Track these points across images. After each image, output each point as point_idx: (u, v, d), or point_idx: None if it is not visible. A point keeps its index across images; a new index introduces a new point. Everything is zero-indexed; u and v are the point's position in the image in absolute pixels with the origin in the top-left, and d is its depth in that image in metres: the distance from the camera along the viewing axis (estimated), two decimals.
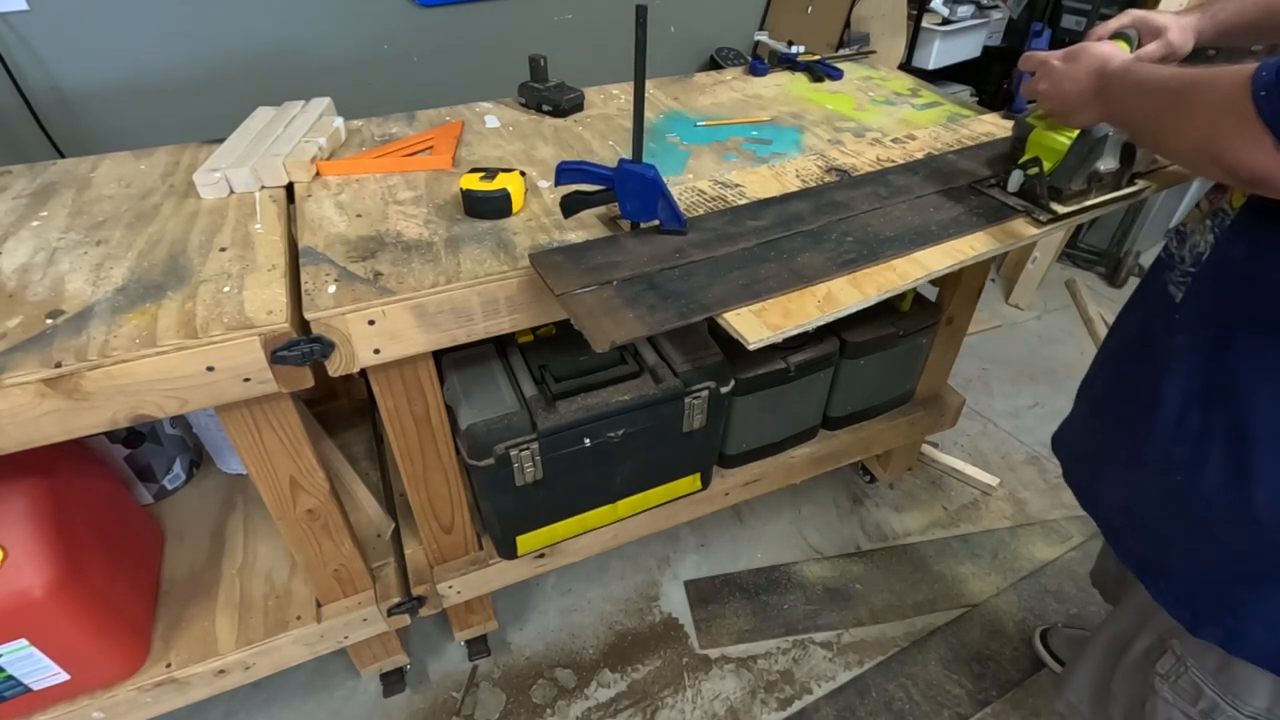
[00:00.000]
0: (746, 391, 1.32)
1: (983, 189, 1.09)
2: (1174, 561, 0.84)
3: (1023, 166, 1.03)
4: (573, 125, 1.33)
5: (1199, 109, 0.64)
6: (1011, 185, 1.05)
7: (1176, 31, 0.94)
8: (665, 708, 1.41)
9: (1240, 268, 0.72)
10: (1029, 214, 1.02)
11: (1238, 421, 0.72)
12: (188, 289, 0.85)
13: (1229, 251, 0.74)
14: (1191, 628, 0.82)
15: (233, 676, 1.14)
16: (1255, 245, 0.71)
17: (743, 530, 1.76)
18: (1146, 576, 0.88)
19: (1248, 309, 0.71)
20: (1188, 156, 0.69)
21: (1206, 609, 0.81)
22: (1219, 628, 0.79)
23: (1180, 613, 0.83)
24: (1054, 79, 0.91)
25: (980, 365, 2.29)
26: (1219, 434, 0.74)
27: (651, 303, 0.83)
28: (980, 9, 2.71)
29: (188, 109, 1.76)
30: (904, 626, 1.56)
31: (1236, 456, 0.72)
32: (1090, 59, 0.86)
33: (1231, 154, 0.61)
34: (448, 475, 1.13)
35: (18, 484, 0.94)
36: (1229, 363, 0.73)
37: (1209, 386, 0.75)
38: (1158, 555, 0.86)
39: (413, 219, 1.01)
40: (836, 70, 1.57)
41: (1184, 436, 0.77)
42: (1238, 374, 0.72)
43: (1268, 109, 0.57)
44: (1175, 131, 0.68)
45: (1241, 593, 0.77)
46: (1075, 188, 1.01)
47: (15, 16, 1.53)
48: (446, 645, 1.50)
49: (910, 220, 1.01)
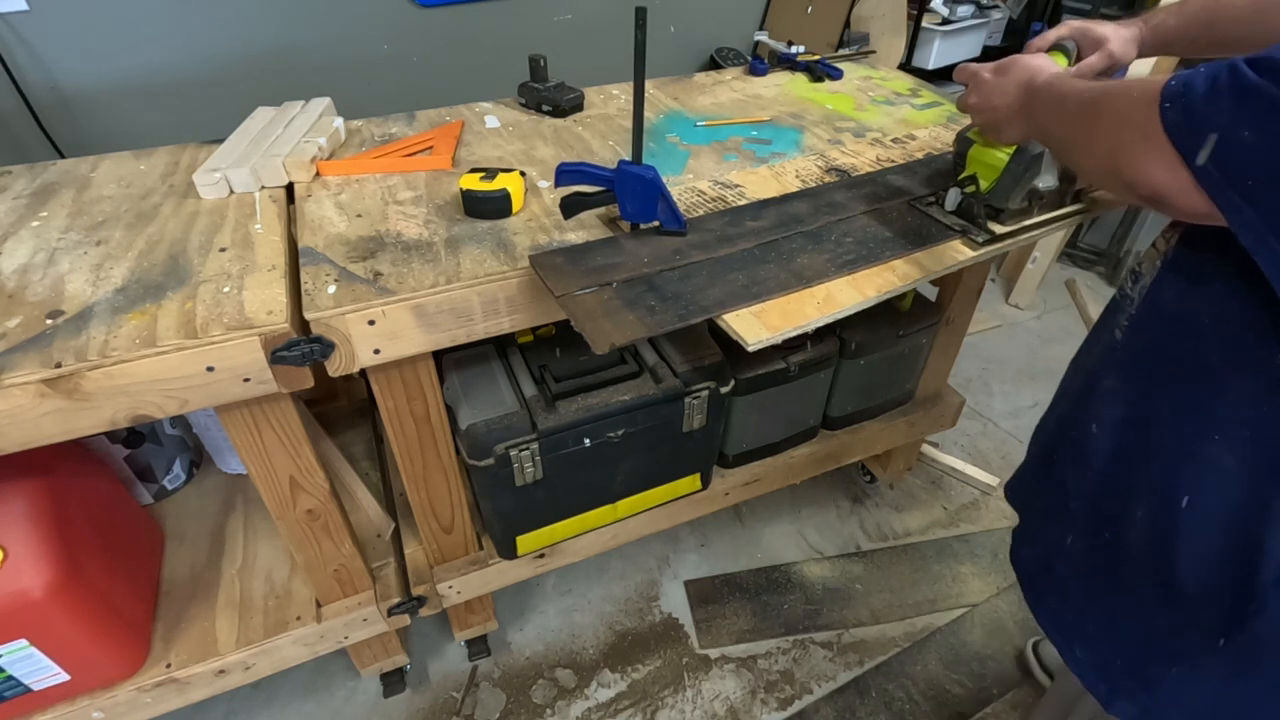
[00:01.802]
0: (746, 391, 1.32)
1: (921, 207, 1.04)
2: (1091, 627, 0.79)
3: (960, 184, 0.98)
4: (573, 125, 1.33)
5: (1107, 121, 0.61)
6: (949, 204, 1.01)
7: (1118, 43, 0.90)
8: (665, 708, 1.41)
9: (1172, 311, 0.68)
10: (966, 234, 0.97)
11: (1164, 478, 0.67)
12: (188, 289, 0.85)
13: (1160, 294, 0.70)
14: (1105, 702, 0.77)
15: (233, 677, 1.14)
16: (1186, 288, 0.67)
17: (743, 530, 1.76)
18: (1062, 642, 0.83)
19: (1178, 355, 0.67)
20: (1095, 172, 0.65)
21: (1122, 682, 0.76)
22: (1134, 705, 0.75)
23: (1095, 684, 0.78)
24: (983, 93, 0.86)
25: (980, 365, 2.29)
26: (1145, 490, 0.69)
27: (651, 304, 0.83)
28: (980, 9, 2.71)
29: (188, 109, 1.76)
30: (904, 626, 1.56)
31: (1162, 516, 0.67)
32: (1019, 72, 0.82)
33: (1131, 168, 0.57)
34: (448, 475, 1.13)
35: (18, 484, 0.94)
36: (1159, 413, 0.68)
37: (1139, 437, 0.71)
38: (1076, 619, 0.82)
39: (413, 219, 1.01)
40: (836, 70, 1.57)
41: (1112, 490, 0.73)
42: (1166, 425, 0.67)
43: (1171, 120, 0.53)
44: (1085, 146, 0.65)
45: (1158, 670, 0.72)
46: (1014, 206, 0.95)
47: (15, 16, 1.53)
48: (446, 645, 1.50)
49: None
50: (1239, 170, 0.51)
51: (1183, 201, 0.55)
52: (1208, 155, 0.51)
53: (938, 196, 1.04)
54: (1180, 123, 0.53)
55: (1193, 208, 0.54)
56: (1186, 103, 0.52)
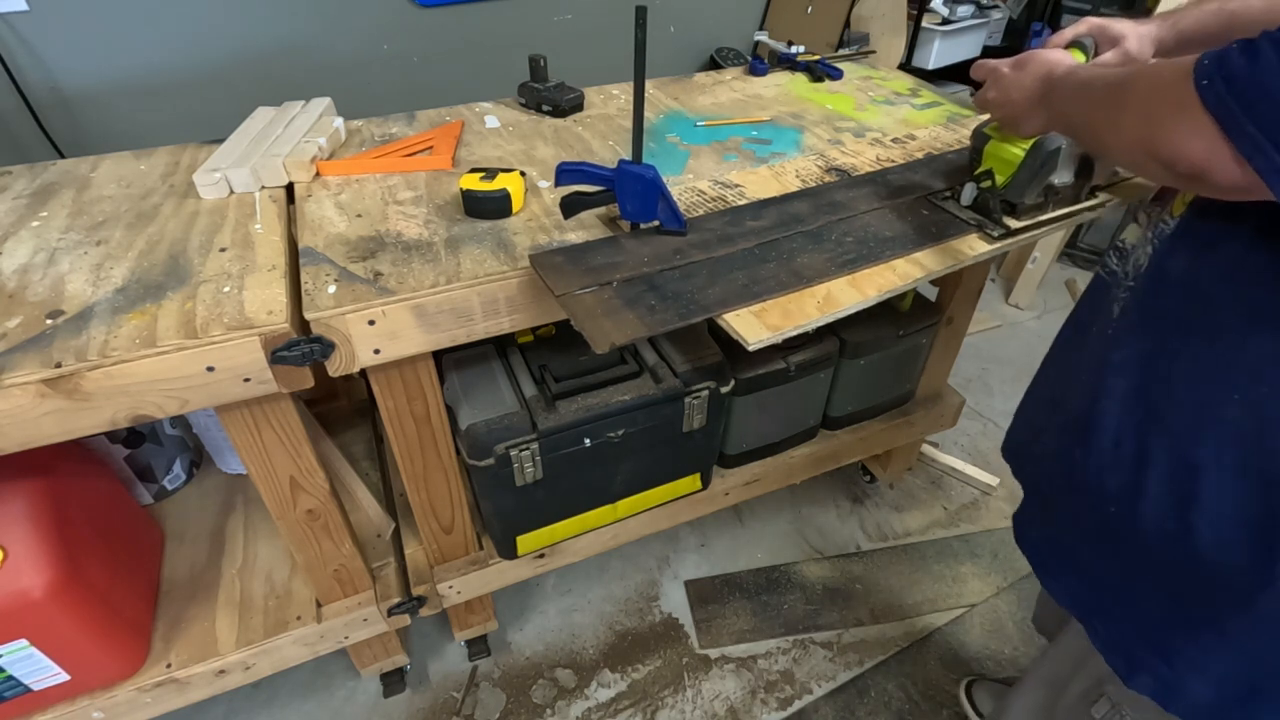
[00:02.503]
0: (746, 391, 1.32)
1: (937, 201, 1.05)
2: (1108, 603, 0.79)
3: (976, 179, 0.99)
4: (572, 125, 1.33)
5: (1137, 100, 0.61)
6: (965, 198, 1.01)
7: (1135, 41, 0.90)
8: (665, 708, 1.41)
9: (1179, 277, 0.68)
10: (981, 228, 0.98)
11: (1178, 446, 0.67)
12: (188, 289, 0.85)
13: (1167, 262, 0.70)
14: (1125, 676, 0.77)
15: (233, 677, 1.14)
16: (1194, 255, 0.67)
17: (743, 530, 1.76)
18: (1084, 617, 0.83)
19: (1190, 320, 0.67)
20: (1126, 153, 0.64)
21: (1141, 656, 0.76)
22: (1153, 678, 0.75)
23: (1114, 659, 0.78)
24: (1002, 87, 0.87)
25: (980, 365, 2.29)
26: (1157, 460, 0.69)
27: (651, 304, 0.83)
28: (980, 9, 2.71)
29: (188, 109, 1.76)
30: (904, 626, 1.56)
31: (1176, 485, 0.68)
32: (1038, 66, 0.82)
33: (1170, 145, 0.57)
34: (448, 475, 1.13)
35: (18, 484, 0.94)
36: (1169, 379, 0.68)
37: (1148, 408, 0.70)
38: (1093, 595, 0.82)
39: (413, 219, 1.01)
40: (836, 70, 1.57)
41: (1120, 464, 0.73)
42: (1177, 392, 0.67)
43: (1211, 96, 0.53)
44: (1113, 127, 0.64)
45: (1179, 640, 0.72)
46: (1030, 201, 0.96)
47: (15, 16, 1.53)
48: (446, 645, 1.50)
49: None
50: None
51: (1223, 175, 0.54)
52: (1252, 123, 0.51)
53: (954, 191, 1.05)
54: (1223, 94, 0.52)
55: (1232, 180, 0.54)
56: (1228, 73, 0.52)
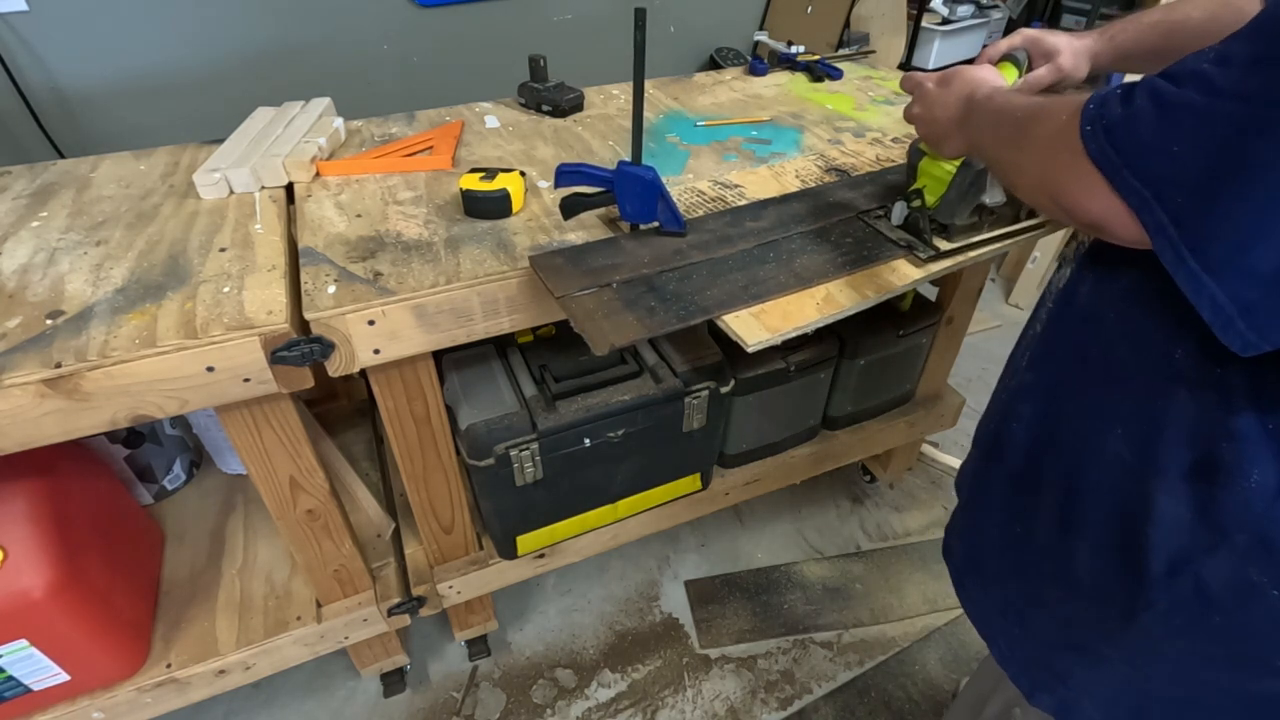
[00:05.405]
0: (746, 391, 1.32)
1: (869, 220, 1.00)
2: (1011, 621, 0.79)
3: (906, 198, 0.94)
4: (572, 125, 1.33)
5: (1037, 143, 0.57)
6: (895, 218, 0.96)
7: (1069, 56, 0.86)
8: (665, 708, 1.41)
9: (1083, 302, 0.66)
10: (910, 249, 0.93)
11: (1069, 471, 0.67)
12: (188, 289, 0.85)
13: (1078, 287, 0.68)
14: (1028, 694, 0.77)
15: (233, 677, 1.14)
16: (1097, 280, 0.65)
17: (743, 530, 1.76)
18: (988, 635, 0.84)
19: (1086, 351, 0.65)
20: (1030, 196, 0.61)
21: (1040, 675, 0.76)
22: (1052, 697, 0.75)
23: (1018, 677, 0.79)
24: (926, 104, 0.83)
25: (980, 365, 2.29)
26: (1050, 483, 0.69)
27: (651, 305, 0.83)
28: (980, 9, 2.71)
29: (188, 109, 1.77)
30: (904, 626, 1.56)
31: (1063, 509, 0.68)
32: (961, 85, 0.78)
33: (1068, 195, 0.53)
34: (448, 475, 1.13)
35: (18, 484, 0.94)
36: (1064, 407, 0.68)
37: (1049, 431, 0.70)
38: (998, 613, 0.82)
39: (412, 219, 1.01)
40: (836, 70, 1.57)
41: (1024, 485, 0.73)
42: (1073, 419, 0.67)
43: (1093, 146, 0.50)
44: (1017, 168, 0.61)
45: (1068, 663, 0.72)
46: (961, 222, 0.91)
47: (15, 16, 1.53)
48: (447, 645, 1.50)
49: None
50: (1170, 185, 0.47)
51: (1120, 229, 0.51)
52: (1134, 176, 0.48)
53: (885, 210, 1.00)
54: (1104, 144, 0.50)
55: (1131, 236, 0.51)
56: (1108, 122, 0.50)
